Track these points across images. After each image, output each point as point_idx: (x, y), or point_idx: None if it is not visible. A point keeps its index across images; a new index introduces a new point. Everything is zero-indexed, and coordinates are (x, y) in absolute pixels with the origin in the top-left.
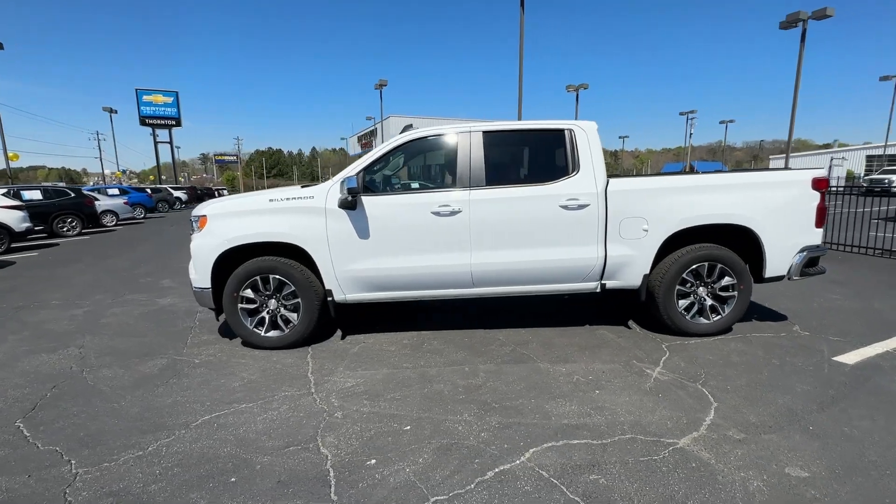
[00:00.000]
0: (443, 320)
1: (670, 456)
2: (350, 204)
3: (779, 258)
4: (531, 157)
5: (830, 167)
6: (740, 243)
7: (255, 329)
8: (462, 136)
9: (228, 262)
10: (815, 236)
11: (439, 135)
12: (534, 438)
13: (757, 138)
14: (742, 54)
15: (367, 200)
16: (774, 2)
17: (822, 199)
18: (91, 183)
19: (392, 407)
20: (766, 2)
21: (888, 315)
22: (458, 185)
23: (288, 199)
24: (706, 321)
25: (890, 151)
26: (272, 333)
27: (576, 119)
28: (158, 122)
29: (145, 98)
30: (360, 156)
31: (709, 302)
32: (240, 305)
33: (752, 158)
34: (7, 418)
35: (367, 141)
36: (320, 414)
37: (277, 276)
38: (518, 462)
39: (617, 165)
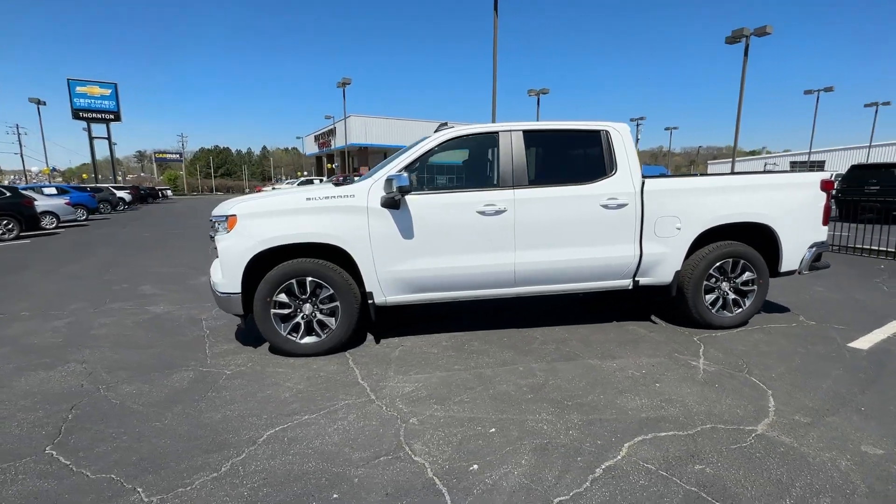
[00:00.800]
0: (474, 321)
1: (757, 442)
2: (394, 202)
3: (792, 254)
4: (570, 158)
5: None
6: (758, 240)
7: (289, 336)
8: (503, 136)
9: (258, 265)
10: (822, 233)
11: (479, 133)
12: (622, 433)
13: (694, 144)
14: (686, 64)
15: (410, 199)
16: (713, 18)
17: (828, 199)
18: (7, 181)
19: (465, 410)
20: (708, 18)
21: (871, 305)
22: (502, 185)
23: (327, 197)
24: (729, 314)
25: (814, 158)
26: (308, 339)
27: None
28: (94, 115)
29: (79, 90)
30: (318, 156)
31: (731, 296)
32: (273, 311)
33: (690, 163)
34: (34, 446)
35: (324, 140)
36: (393, 421)
37: (314, 279)
38: (620, 457)
39: None
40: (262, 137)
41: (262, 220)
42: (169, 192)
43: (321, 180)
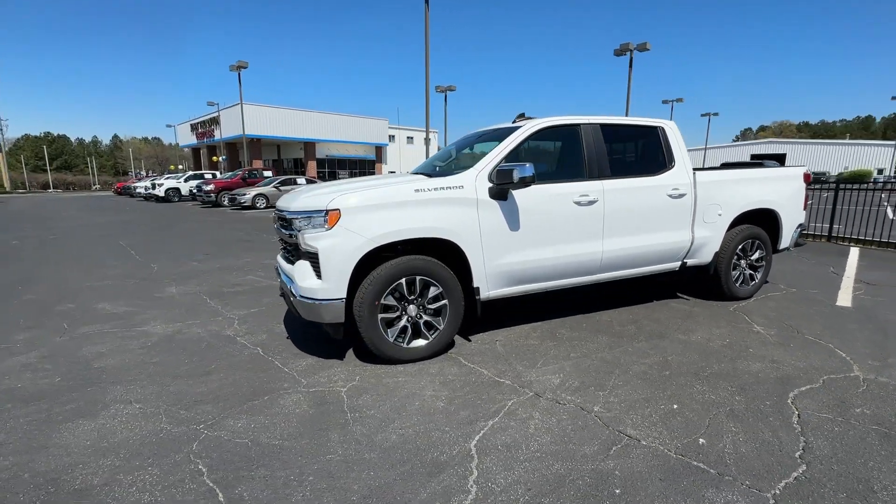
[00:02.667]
0: (536, 311)
1: (870, 385)
2: (503, 193)
3: (787, 234)
4: (637, 151)
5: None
6: (765, 223)
7: (396, 342)
8: (584, 128)
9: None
10: (803, 216)
11: (565, 125)
12: (774, 393)
13: None
14: (578, 72)
15: (516, 190)
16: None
17: (806, 188)
18: None
19: (630, 393)
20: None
21: (818, 273)
22: (589, 176)
23: (437, 188)
24: (747, 287)
25: None
26: (417, 343)
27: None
28: None
29: None
30: (196, 147)
31: (748, 272)
32: (380, 315)
33: None
34: (188, 478)
35: (206, 130)
36: (584, 414)
37: (424, 278)
38: (797, 413)
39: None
40: (113, 125)
41: (370, 214)
42: None
43: (214, 175)
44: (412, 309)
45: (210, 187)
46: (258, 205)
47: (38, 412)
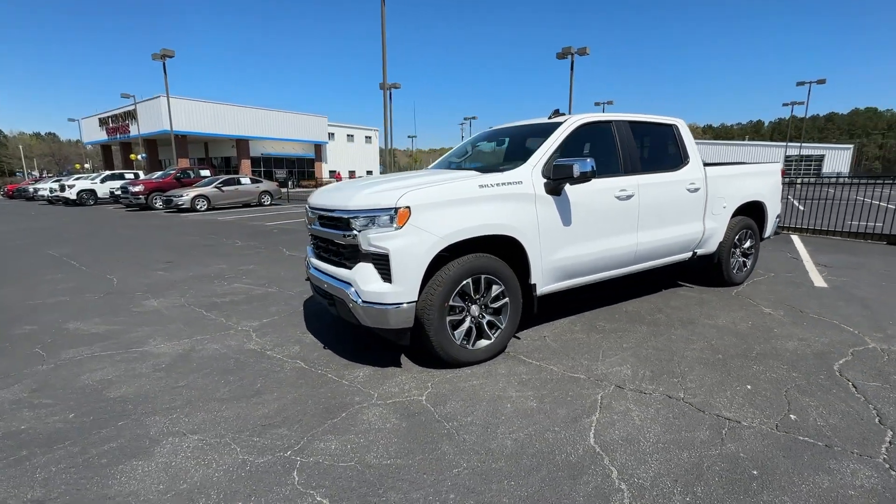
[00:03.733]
0: (563, 305)
1: (892, 355)
2: (558, 189)
3: (770, 224)
4: (658, 147)
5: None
6: (753, 215)
7: (462, 344)
8: (617, 124)
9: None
10: (780, 207)
11: (602, 121)
12: (824, 367)
13: None
14: (521, 72)
15: (568, 185)
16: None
17: (782, 181)
18: None
19: (700, 378)
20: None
21: (780, 258)
22: (624, 171)
23: (500, 184)
24: (741, 273)
25: None
26: (481, 344)
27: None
28: None
29: None
30: (105, 144)
31: (741, 259)
32: (448, 317)
33: None
34: None
35: (119, 125)
36: (674, 402)
37: (488, 276)
38: (852, 381)
39: (396, 163)
40: None
41: (439, 211)
42: None
43: (137, 175)
44: (475, 309)
45: (138, 188)
46: (198, 207)
47: (69, 457)
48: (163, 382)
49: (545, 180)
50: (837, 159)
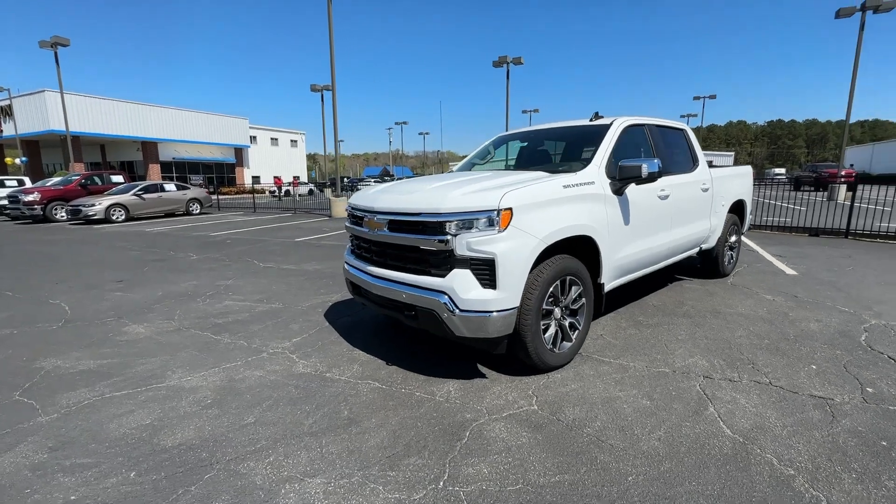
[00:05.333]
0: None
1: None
2: (621, 189)
3: (747, 219)
4: (675, 150)
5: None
6: (735, 212)
7: (551, 348)
8: (650, 127)
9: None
10: (750, 205)
11: (639, 124)
12: (854, 344)
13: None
14: (459, 78)
15: (630, 186)
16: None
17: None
18: None
19: (768, 363)
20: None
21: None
22: (660, 172)
23: (579, 184)
24: (730, 266)
25: None
26: (565, 346)
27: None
28: None
29: None
30: None
31: (729, 253)
32: (542, 322)
33: (422, 165)
34: None
35: None
36: (767, 388)
37: (571, 277)
38: (886, 353)
39: (318, 169)
40: None
41: (536, 212)
42: None
43: (21, 182)
44: (557, 312)
45: (32, 197)
46: (115, 217)
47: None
48: (224, 421)
49: (610, 180)
50: (723, 164)
